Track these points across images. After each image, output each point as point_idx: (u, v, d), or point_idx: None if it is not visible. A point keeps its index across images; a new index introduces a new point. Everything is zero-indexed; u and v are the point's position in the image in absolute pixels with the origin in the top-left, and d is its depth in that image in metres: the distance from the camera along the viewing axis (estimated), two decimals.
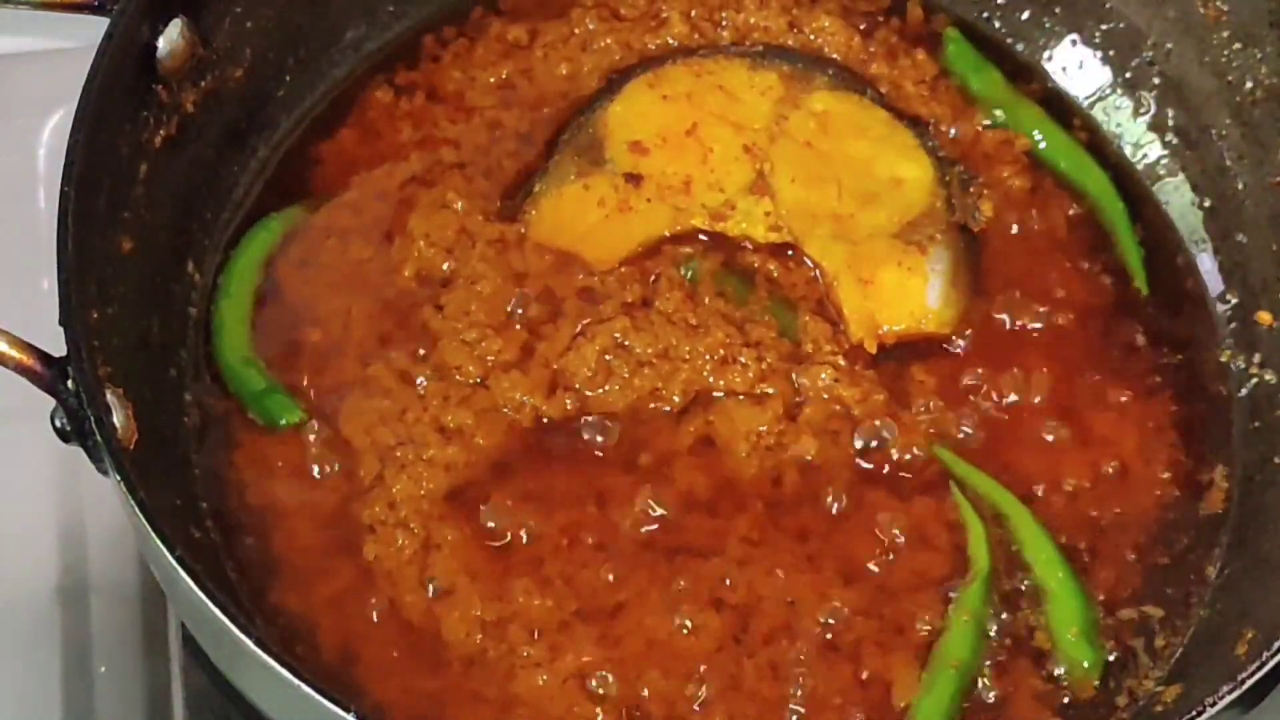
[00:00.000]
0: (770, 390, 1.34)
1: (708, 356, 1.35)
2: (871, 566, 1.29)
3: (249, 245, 1.41)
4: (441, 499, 1.30)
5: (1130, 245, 1.46)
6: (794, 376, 1.35)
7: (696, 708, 1.24)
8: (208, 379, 1.35)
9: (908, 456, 1.33)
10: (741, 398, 1.34)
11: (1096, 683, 1.27)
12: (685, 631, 1.26)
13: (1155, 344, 1.41)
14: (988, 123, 1.49)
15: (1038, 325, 1.40)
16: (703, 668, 1.25)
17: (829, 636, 1.26)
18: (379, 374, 1.34)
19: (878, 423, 1.34)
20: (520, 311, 1.37)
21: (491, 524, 1.29)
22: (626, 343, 1.35)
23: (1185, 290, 1.45)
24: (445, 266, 1.39)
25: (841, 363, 1.36)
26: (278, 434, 1.33)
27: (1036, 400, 1.37)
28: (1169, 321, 1.43)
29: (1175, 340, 1.42)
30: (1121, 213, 1.47)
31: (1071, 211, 1.47)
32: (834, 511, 1.31)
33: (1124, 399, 1.38)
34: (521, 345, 1.35)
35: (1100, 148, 1.51)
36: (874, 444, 1.34)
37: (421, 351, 1.35)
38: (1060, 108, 1.52)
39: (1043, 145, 1.49)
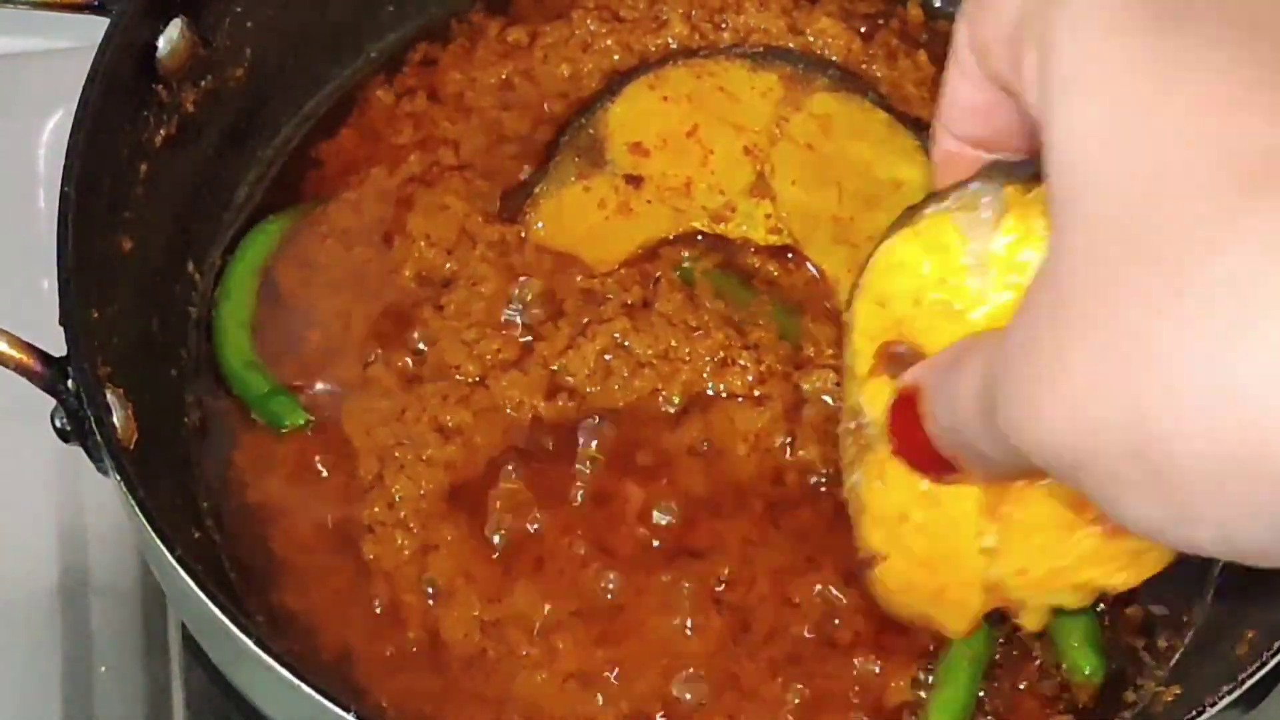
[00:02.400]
0: (770, 392, 1.34)
1: (707, 358, 1.35)
2: None
3: (248, 248, 1.41)
4: (441, 499, 1.30)
5: None
6: (794, 378, 1.35)
7: (695, 708, 1.24)
8: (210, 379, 1.35)
9: None
10: (741, 399, 1.34)
11: (1099, 687, 1.27)
12: (685, 632, 1.26)
13: None
14: None
15: None
16: (703, 668, 1.25)
17: (830, 636, 1.26)
18: (379, 374, 1.35)
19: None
20: (520, 312, 1.37)
21: (490, 524, 1.29)
22: (626, 344, 1.35)
23: None
24: (446, 267, 1.39)
25: (843, 365, 1.36)
26: (278, 434, 1.33)
27: None
28: None
29: None
30: None
31: None
32: (834, 511, 1.31)
33: None
34: (521, 345, 1.35)
35: None
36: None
37: (421, 352, 1.35)
38: None
39: None
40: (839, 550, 1.29)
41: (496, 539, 1.29)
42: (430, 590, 1.27)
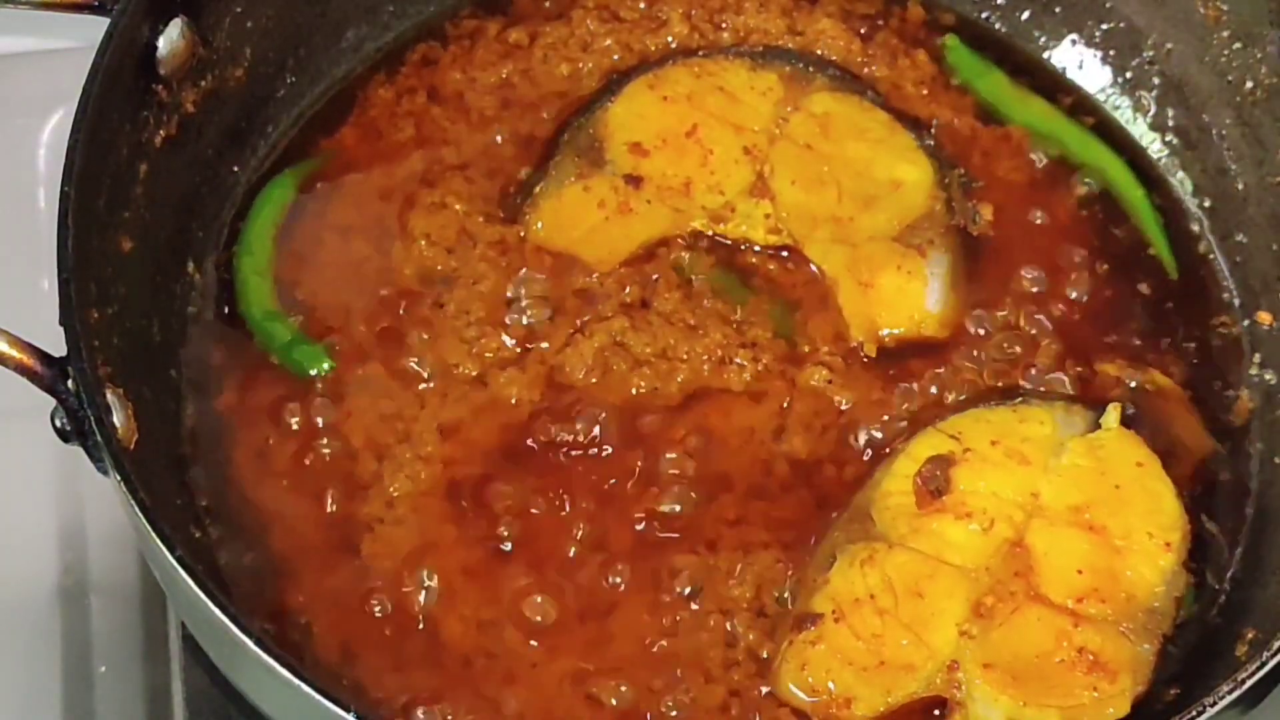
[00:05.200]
0: (766, 389, 1.34)
1: (705, 357, 1.35)
2: None
3: (264, 204, 1.42)
4: (440, 496, 1.30)
5: (1152, 225, 1.46)
6: (790, 376, 1.35)
7: (689, 701, 1.24)
8: (211, 379, 1.35)
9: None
10: (738, 396, 1.34)
11: None
12: (679, 630, 1.26)
13: (1158, 341, 1.42)
14: (988, 119, 1.50)
15: (1039, 321, 1.40)
16: (696, 665, 1.25)
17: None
18: (377, 372, 1.35)
19: (873, 420, 1.34)
20: (519, 311, 1.37)
21: (488, 522, 1.29)
22: (625, 341, 1.35)
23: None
24: (446, 266, 1.39)
25: (839, 363, 1.36)
26: (277, 433, 1.33)
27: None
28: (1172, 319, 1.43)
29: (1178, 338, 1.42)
30: (1142, 198, 1.47)
31: (1074, 204, 1.47)
32: (820, 505, 1.31)
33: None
34: (520, 344, 1.35)
35: (1108, 138, 1.51)
36: (868, 442, 1.34)
37: (420, 349, 1.35)
38: (1068, 101, 1.52)
39: (1053, 140, 1.49)
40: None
41: (494, 538, 1.29)
42: (429, 589, 1.27)
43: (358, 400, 1.33)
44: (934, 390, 1.36)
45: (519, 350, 1.35)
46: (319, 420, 1.33)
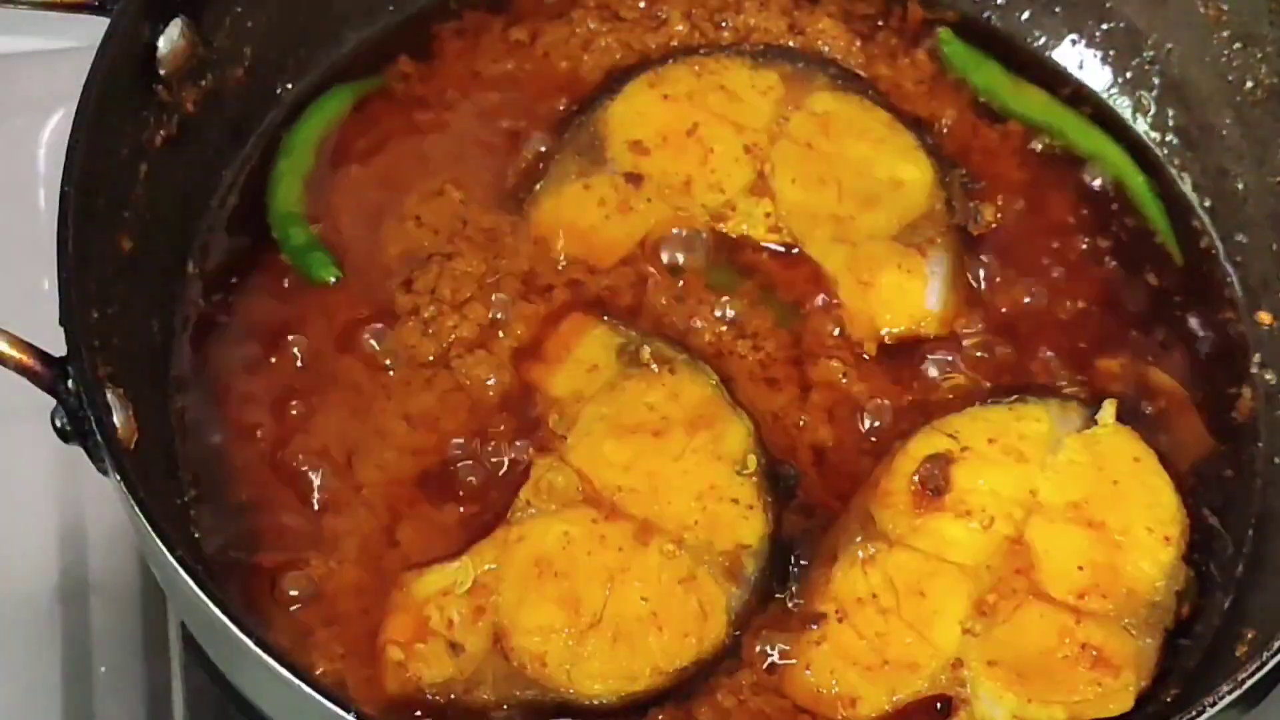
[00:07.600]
0: (776, 376, 1.35)
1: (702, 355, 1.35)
2: None
3: (315, 112, 1.46)
4: (412, 484, 1.29)
5: (1155, 210, 1.47)
6: (789, 376, 1.35)
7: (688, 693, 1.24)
8: (201, 382, 1.35)
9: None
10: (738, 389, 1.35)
11: None
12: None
13: (1158, 339, 1.42)
14: (988, 117, 1.50)
15: (1038, 320, 1.40)
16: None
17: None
18: (350, 366, 1.34)
19: (872, 419, 1.35)
20: (503, 297, 1.37)
21: (467, 511, 1.29)
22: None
23: None
24: (431, 249, 1.39)
25: (847, 357, 1.36)
26: (266, 432, 1.33)
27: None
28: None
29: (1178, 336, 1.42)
30: (1143, 184, 1.47)
31: (1075, 200, 1.47)
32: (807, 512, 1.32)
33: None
34: (487, 325, 1.36)
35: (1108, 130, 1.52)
36: (866, 439, 1.34)
37: (390, 336, 1.35)
38: (1065, 92, 1.53)
39: (1052, 129, 1.49)
40: None
41: (479, 525, 1.28)
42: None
43: (332, 396, 1.33)
44: (933, 389, 1.36)
45: (481, 332, 1.36)
46: (304, 420, 1.33)
